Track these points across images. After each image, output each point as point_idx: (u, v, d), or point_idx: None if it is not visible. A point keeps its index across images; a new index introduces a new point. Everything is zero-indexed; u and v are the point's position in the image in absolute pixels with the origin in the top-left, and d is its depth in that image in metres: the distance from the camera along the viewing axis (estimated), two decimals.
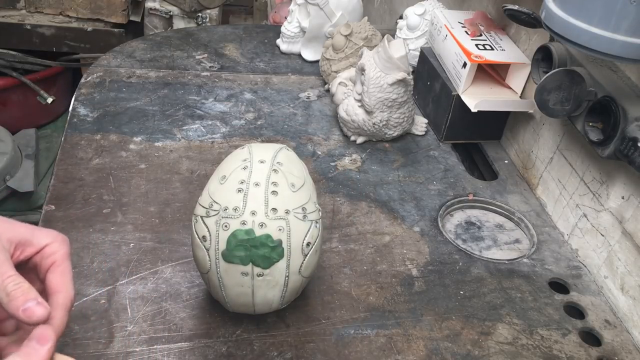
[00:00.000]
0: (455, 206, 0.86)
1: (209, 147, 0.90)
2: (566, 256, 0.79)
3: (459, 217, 0.85)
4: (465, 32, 0.95)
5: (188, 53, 1.15)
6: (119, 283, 0.66)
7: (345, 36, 1.03)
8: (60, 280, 0.47)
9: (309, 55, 1.18)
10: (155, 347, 0.60)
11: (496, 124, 0.98)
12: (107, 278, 0.66)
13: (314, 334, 0.63)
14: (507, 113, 0.97)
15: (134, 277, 0.67)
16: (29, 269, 0.49)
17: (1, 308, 0.44)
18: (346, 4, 1.15)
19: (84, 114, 0.92)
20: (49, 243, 0.49)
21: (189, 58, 1.13)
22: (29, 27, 2.01)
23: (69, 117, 0.91)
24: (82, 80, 1.02)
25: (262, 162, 0.58)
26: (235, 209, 0.55)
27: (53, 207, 0.75)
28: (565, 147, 0.83)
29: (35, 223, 0.72)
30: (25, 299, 0.43)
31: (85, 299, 0.63)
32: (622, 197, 0.72)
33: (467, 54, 0.89)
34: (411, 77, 0.89)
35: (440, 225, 0.81)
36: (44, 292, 0.47)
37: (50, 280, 0.47)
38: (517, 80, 0.92)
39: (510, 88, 0.94)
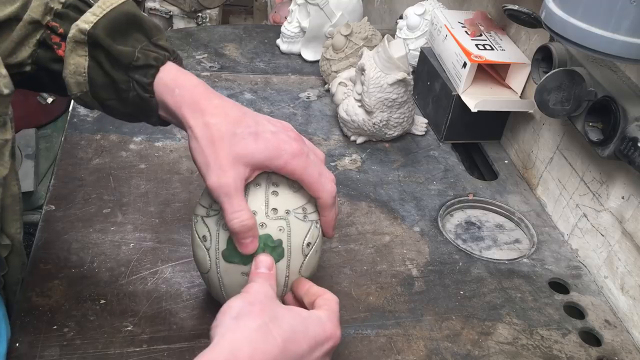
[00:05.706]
0: (455, 206, 0.86)
1: None
2: (566, 256, 0.79)
3: (459, 217, 0.85)
4: (465, 32, 0.95)
5: (188, 53, 1.15)
6: (119, 283, 0.66)
7: (345, 36, 1.03)
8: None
9: (309, 55, 1.18)
10: (155, 347, 0.59)
11: (496, 124, 0.98)
12: (107, 278, 0.66)
13: None
14: (507, 113, 0.97)
15: (134, 277, 0.67)
16: None
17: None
18: (346, 4, 1.15)
19: (84, 114, 0.92)
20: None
21: (189, 58, 1.13)
22: None
23: (69, 117, 0.91)
24: None
25: None
26: None
27: (53, 207, 0.75)
28: (565, 147, 0.83)
29: (35, 223, 0.72)
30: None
31: (85, 299, 0.63)
32: (622, 197, 0.72)
33: (467, 54, 0.89)
34: (411, 77, 0.89)
35: (440, 225, 0.81)
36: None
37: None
38: (517, 80, 0.92)
39: (510, 88, 0.94)
